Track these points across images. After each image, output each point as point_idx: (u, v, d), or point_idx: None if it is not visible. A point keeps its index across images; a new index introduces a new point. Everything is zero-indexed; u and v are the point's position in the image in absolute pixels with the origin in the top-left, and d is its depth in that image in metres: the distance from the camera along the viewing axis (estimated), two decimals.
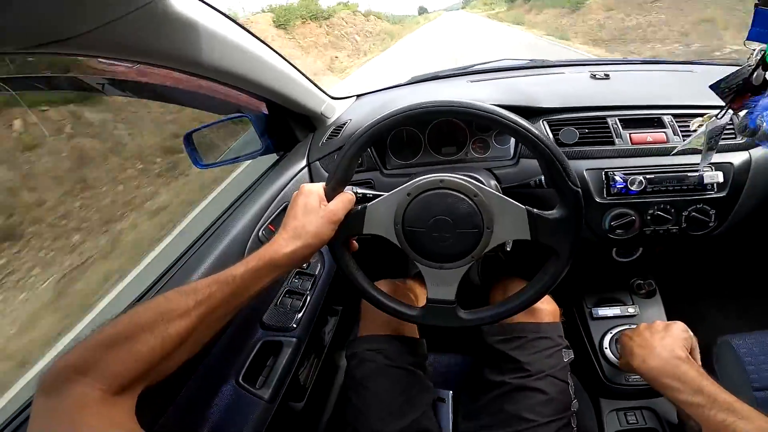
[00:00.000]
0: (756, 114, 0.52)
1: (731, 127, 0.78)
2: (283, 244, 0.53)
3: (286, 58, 0.82)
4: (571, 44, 9.31)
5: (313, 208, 0.56)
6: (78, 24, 0.43)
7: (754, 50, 0.52)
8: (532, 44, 10.71)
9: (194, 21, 0.56)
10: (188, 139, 0.95)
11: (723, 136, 0.78)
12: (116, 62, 0.61)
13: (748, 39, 0.52)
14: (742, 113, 0.54)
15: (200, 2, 0.57)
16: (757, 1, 0.50)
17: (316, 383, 0.96)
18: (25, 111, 4.26)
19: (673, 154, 0.74)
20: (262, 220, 0.78)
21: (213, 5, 0.59)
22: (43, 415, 0.36)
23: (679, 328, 0.66)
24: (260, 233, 0.77)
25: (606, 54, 7.67)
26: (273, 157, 1.01)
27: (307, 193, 0.57)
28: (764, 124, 0.52)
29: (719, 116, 0.59)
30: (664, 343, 0.62)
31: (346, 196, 0.58)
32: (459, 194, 0.56)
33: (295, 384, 0.88)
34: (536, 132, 0.53)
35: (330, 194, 0.58)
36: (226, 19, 0.64)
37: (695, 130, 0.63)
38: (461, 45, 13.01)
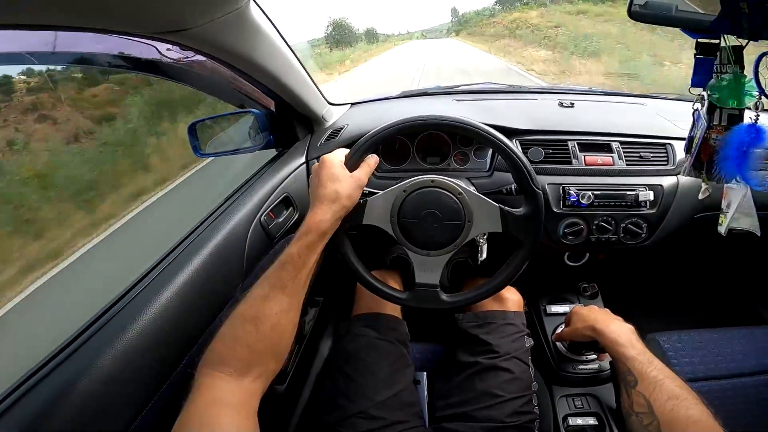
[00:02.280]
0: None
1: (664, 153, 0.93)
2: (324, 212, 0.59)
3: (304, 65, 0.92)
4: None
5: (341, 174, 0.62)
6: (192, 20, 0.56)
7: (700, 95, 0.60)
8: None
9: (260, 26, 0.69)
10: (192, 128, 1.01)
11: (656, 162, 0.92)
12: (188, 54, 0.71)
13: (692, 86, 0.60)
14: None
15: (262, 12, 0.69)
16: (695, 52, 0.58)
17: (296, 368, 1.03)
18: None
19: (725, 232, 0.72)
20: (263, 208, 0.84)
21: (267, 15, 0.72)
22: (184, 409, 0.43)
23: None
24: (262, 218, 0.83)
25: None
26: (269, 153, 1.07)
27: (329, 164, 0.63)
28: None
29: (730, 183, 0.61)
30: (621, 321, 0.74)
31: (368, 164, 0.67)
32: (446, 192, 0.68)
33: None
34: (512, 146, 0.67)
35: (354, 164, 0.66)
36: (273, 26, 0.75)
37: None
38: None
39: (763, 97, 0.55)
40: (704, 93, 0.59)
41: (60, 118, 4.82)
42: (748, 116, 0.57)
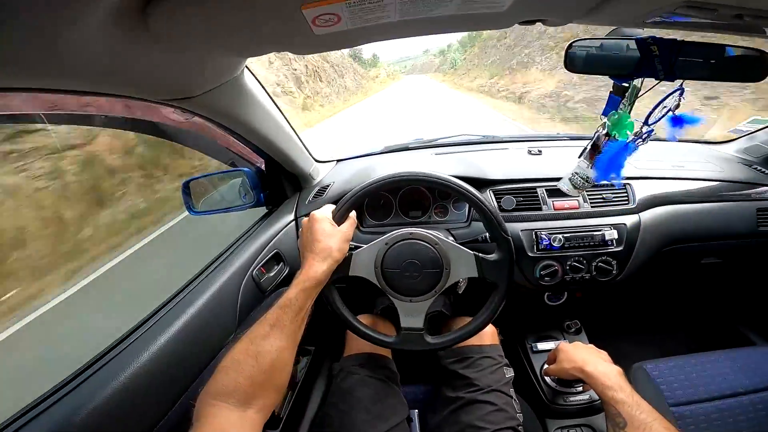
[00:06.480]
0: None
1: (624, 193, 1.02)
2: (319, 265, 0.65)
3: (292, 125, 1.00)
4: None
5: (331, 231, 0.69)
6: (196, 88, 0.63)
7: (604, 122, 0.71)
8: None
9: (253, 91, 0.77)
10: (186, 186, 1.04)
11: (618, 202, 1.01)
12: (182, 115, 0.78)
13: (603, 114, 0.71)
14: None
15: (255, 78, 0.77)
16: (611, 90, 0.69)
17: (289, 414, 1.03)
18: None
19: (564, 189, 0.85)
20: (255, 263, 0.88)
21: (259, 80, 0.81)
22: None
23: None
24: (254, 273, 0.86)
25: None
26: (259, 211, 1.12)
27: (320, 219, 0.70)
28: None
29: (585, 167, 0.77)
30: (609, 362, 0.76)
31: (352, 218, 0.74)
32: (424, 243, 0.74)
33: (271, 414, 0.95)
34: (481, 197, 0.74)
35: (340, 220, 0.72)
36: (263, 90, 0.84)
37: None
38: None
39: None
40: (606, 121, 0.71)
41: None
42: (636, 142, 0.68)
